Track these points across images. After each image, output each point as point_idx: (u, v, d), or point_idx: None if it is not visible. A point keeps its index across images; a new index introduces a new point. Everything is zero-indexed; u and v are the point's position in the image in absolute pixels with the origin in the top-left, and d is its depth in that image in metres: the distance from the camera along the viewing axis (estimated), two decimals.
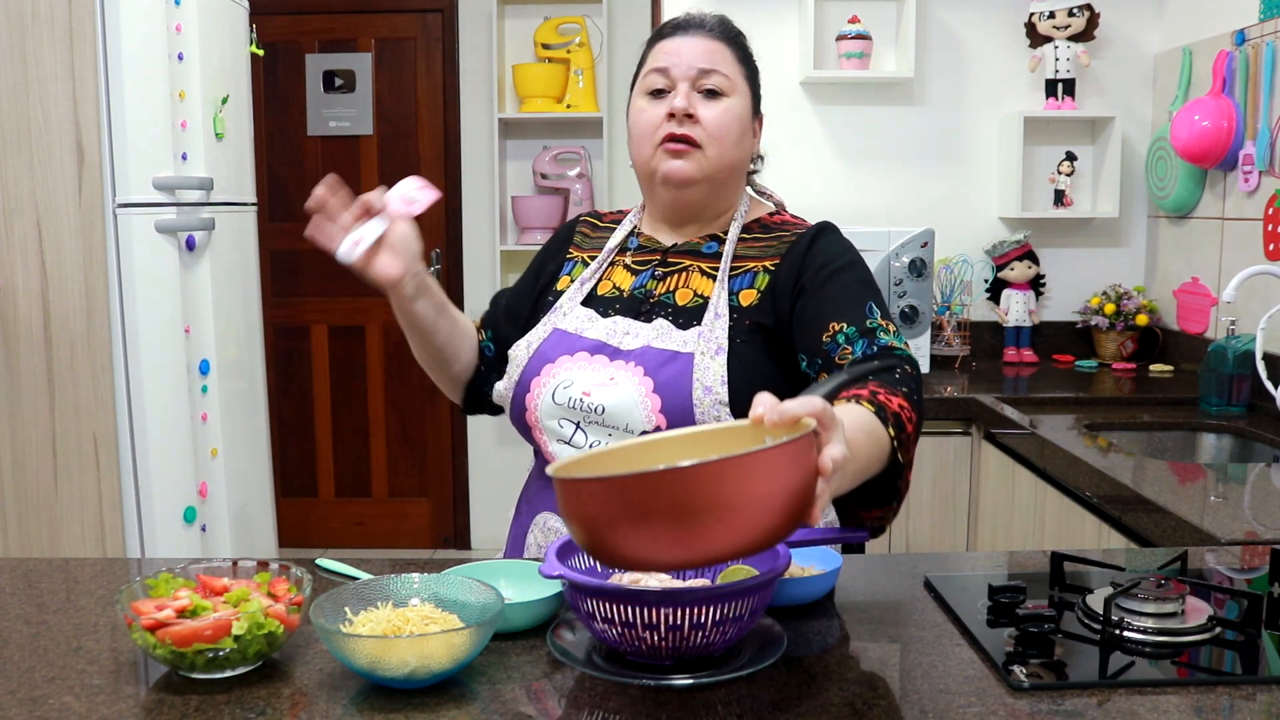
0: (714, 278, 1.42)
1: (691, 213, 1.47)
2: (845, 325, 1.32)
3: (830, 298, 1.35)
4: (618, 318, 1.42)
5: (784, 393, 1.01)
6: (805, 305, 1.37)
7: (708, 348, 1.34)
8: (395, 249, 1.31)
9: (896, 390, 1.21)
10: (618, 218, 1.58)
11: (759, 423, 0.89)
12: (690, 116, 1.38)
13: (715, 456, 0.83)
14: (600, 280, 1.49)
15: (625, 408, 1.33)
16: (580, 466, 1.01)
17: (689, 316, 1.40)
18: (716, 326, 1.36)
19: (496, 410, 1.61)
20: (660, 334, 1.38)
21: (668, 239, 1.49)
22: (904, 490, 1.25)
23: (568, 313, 1.45)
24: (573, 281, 1.50)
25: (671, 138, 1.39)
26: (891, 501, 1.26)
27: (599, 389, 1.35)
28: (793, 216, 1.51)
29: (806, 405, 0.89)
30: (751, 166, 1.54)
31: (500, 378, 1.50)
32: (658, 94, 1.41)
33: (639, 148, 1.43)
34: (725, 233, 1.47)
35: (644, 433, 1.32)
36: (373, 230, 1.29)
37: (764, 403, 0.89)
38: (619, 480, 0.85)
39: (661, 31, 1.46)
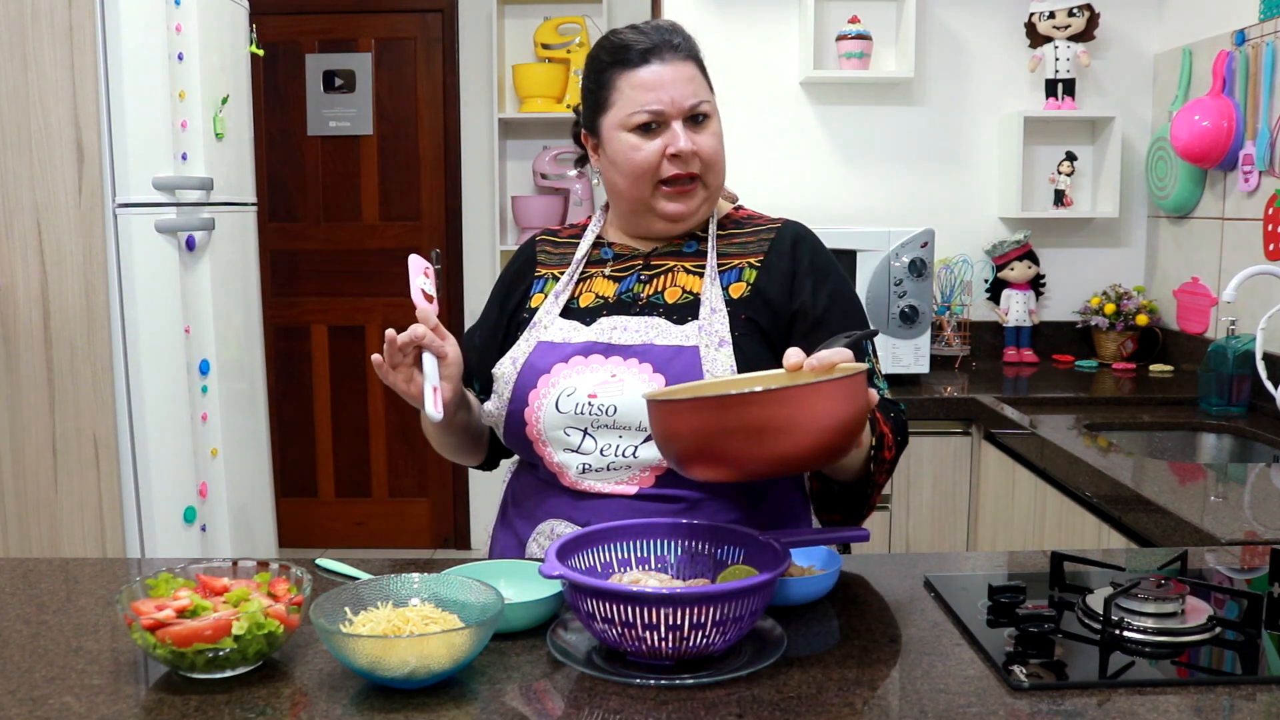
0: (700, 274, 1.44)
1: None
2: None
3: (839, 318, 1.41)
4: (604, 318, 1.42)
5: None
6: (805, 311, 1.41)
7: (710, 340, 1.36)
8: (449, 374, 1.33)
9: (889, 421, 1.34)
10: (575, 231, 1.57)
11: (795, 369, 1.08)
12: (694, 154, 1.40)
13: (798, 382, 1.03)
14: (580, 294, 1.47)
15: (638, 405, 1.32)
16: (671, 394, 1.17)
17: (683, 312, 1.40)
18: (714, 320, 1.38)
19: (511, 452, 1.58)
20: (659, 331, 1.38)
21: (645, 245, 1.49)
22: (869, 511, 1.38)
23: (548, 325, 1.43)
24: (546, 297, 1.48)
25: (678, 179, 1.40)
26: (856, 517, 1.39)
27: (604, 389, 1.34)
28: (752, 211, 1.55)
29: (840, 353, 1.08)
30: None
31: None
32: (646, 128, 1.40)
33: (635, 185, 1.41)
34: (703, 231, 1.48)
35: None
36: (435, 370, 1.32)
37: (799, 353, 1.09)
38: (719, 400, 1.03)
39: (628, 59, 1.39)
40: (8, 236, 2.49)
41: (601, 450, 1.34)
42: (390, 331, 1.30)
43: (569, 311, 1.45)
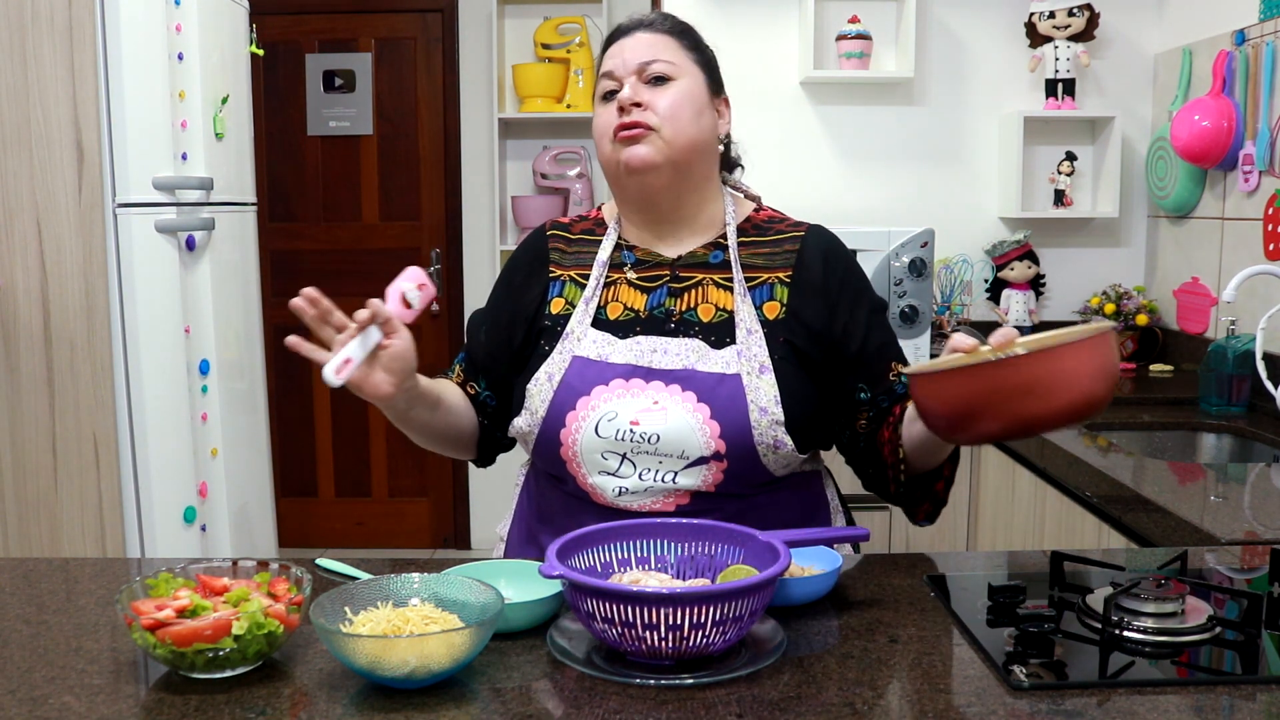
0: (730, 289, 1.40)
1: (665, 205, 1.42)
2: (902, 366, 1.43)
3: (878, 334, 1.43)
4: (641, 337, 1.38)
5: (827, 409, 1.40)
6: (850, 335, 1.40)
7: (751, 367, 1.33)
8: (390, 366, 1.27)
9: None
10: (587, 225, 1.51)
11: (972, 351, 1.14)
12: (638, 105, 1.38)
13: (1053, 342, 1.09)
14: (607, 302, 1.42)
15: (681, 434, 1.30)
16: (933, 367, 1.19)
17: (720, 334, 1.37)
18: (752, 343, 1.35)
19: (510, 447, 1.57)
20: (699, 355, 1.35)
21: (669, 251, 1.44)
22: (945, 493, 1.45)
23: (581, 338, 1.39)
24: (567, 303, 1.44)
25: (623, 127, 1.37)
26: (929, 501, 1.45)
27: (646, 416, 1.31)
28: (775, 211, 1.51)
29: (1011, 332, 1.14)
30: (732, 158, 1.53)
31: (512, 412, 1.44)
32: (610, 96, 1.42)
33: (600, 147, 1.43)
34: (724, 238, 1.44)
35: (701, 458, 1.31)
36: (365, 346, 1.22)
37: (969, 337, 1.16)
38: (992, 365, 1.07)
39: (609, 39, 1.48)
40: (8, 236, 2.49)
41: (640, 475, 1.32)
42: (310, 291, 1.26)
43: (599, 323, 1.41)
